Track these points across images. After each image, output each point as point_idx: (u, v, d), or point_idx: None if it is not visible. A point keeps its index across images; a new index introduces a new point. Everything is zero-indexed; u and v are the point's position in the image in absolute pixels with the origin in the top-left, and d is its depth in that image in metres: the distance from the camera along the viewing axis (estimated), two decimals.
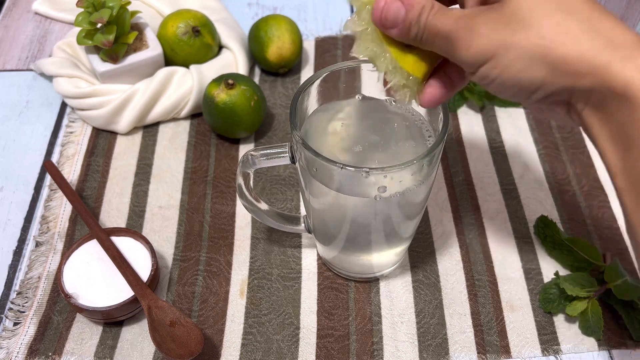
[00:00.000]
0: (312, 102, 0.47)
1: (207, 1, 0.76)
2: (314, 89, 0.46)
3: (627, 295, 0.50)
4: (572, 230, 0.57)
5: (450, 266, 0.55)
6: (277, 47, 0.67)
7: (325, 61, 0.73)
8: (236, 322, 0.52)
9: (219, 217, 0.58)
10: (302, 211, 0.59)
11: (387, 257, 0.52)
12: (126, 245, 0.53)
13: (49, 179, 0.62)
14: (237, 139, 0.65)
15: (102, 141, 0.65)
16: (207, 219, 0.58)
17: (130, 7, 0.64)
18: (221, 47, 0.71)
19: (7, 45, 0.76)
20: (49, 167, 0.59)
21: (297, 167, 0.47)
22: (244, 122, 0.62)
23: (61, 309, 0.52)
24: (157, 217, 0.59)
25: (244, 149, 0.64)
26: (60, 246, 0.57)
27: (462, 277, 0.54)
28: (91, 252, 0.53)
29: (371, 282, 0.54)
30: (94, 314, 0.49)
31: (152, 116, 0.65)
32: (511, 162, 0.63)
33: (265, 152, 0.47)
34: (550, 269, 0.54)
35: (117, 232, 0.54)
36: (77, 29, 0.63)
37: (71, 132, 0.66)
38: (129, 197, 0.60)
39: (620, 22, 0.32)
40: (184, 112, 0.66)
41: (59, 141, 0.66)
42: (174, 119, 0.67)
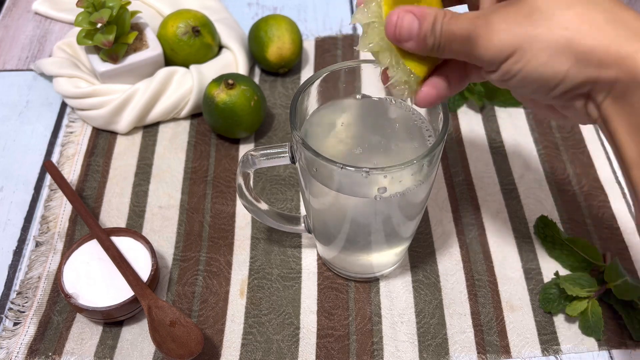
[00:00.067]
0: (312, 102, 0.47)
1: (207, 1, 0.76)
2: (314, 89, 0.46)
3: (627, 295, 0.50)
4: (572, 230, 0.57)
5: (450, 266, 0.55)
6: (277, 47, 0.67)
7: (325, 61, 0.73)
8: (236, 322, 0.52)
9: (219, 217, 0.58)
10: (302, 211, 0.59)
11: (387, 257, 0.52)
12: (126, 245, 0.53)
13: (49, 179, 0.62)
14: (237, 139, 0.65)
15: (102, 141, 0.65)
16: (207, 219, 0.58)
17: (130, 7, 0.64)
18: (221, 47, 0.71)
19: (7, 45, 0.76)
20: (49, 167, 0.59)
21: (297, 167, 0.47)
22: (244, 122, 0.62)
23: (61, 309, 0.52)
24: (157, 217, 0.59)
25: (244, 149, 0.64)
26: (60, 246, 0.57)
27: (462, 277, 0.54)
28: (91, 252, 0.53)
29: (371, 282, 0.54)
30: (94, 314, 0.49)
31: (152, 116, 0.65)
32: (511, 162, 0.63)
33: (265, 152, 0.47)
34: (550, 269, 0.54)
35: (117, 232, 0.54)
36: (77, 29, 0.63)
37: (71, 132, 0.66)
38: (129, 197, 0.60)
39: None
40: (184, 112, 0.66)
41: (59, 141, 0.66)
42: (174, 119, 0.67)
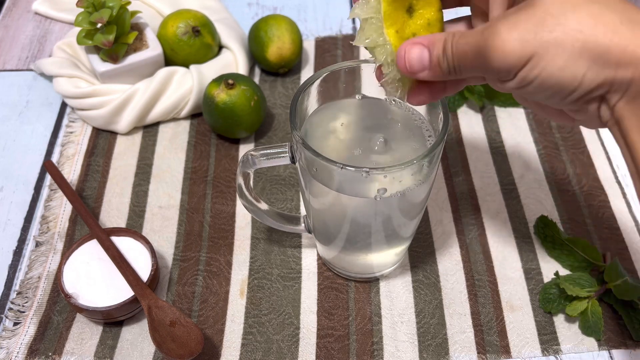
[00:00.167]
0: (312, 102, 0.47)
1: (207, 1, 0.76)
2: (314, 89, 0.46)
3: (627, 295, 0.50)
4: (572, 230, 0.57)
5: (450, 266, 0.55)
6: (277, 47, 0.67)
7: (325, 61, 0.73)
8: (236, 322, 0.52)
9: (219, 217, 0.58)
10: (302, 211, 0.59)
11: (387, 257, 0.52)
12: (126, 245, 0.53)
13: (49, 179, 0.62)
14: (237, 139, 0.65)
15: (102, 141, 0.65)
16: (207, 219, 0.58)
17: (130, 7, 0.64)
18: (221, 47, 0.71)
19: (7, 45, 0.76)
20: (49, 167, 0.59)
21: (297, 167, 0.47)
22: (244, 122, 0.62)
23: (61, 309, 0.52)
24: (157, 217, 0.58)
25: (244, 149, 0.64)
26: (60, 246, 0.57)
27: (462, 277, 0.54)
28: (91, 252, 0.53)
29: (371, 282, 0.54)
30: (94, 314, 0.49)
31: (152, 116, 0.65)
32: (511, 162, 0.63)
33: (265, 152, 0.47)
34: (550, 269, 0.54)
35: (117, 232, 0.54)
36: (77, 29, 0.63)
37: (71, 132, 0.66)
38: (129, 197, 0.60)
39: None
40: (184, 112, 0.66)
41: (59, 141, 0.66)
42: (174, 119, 0.67)
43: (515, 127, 0.66)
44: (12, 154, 0.65)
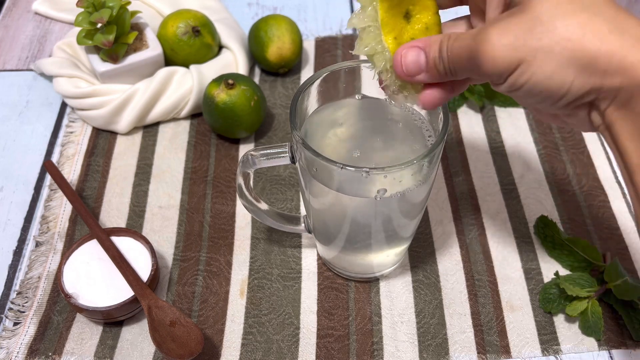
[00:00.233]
0: (312, 102, 0.47)
1: (207, 1, 0.76)
2: (314, 89, 0.46)
3: (627, 295, 0.50)
4: (572, 230, 0.57)
5: (450, 266, 0.55)
6: (277, 47, 0.67)
7: (325, 61, 0.73)
8: (236, 322, 0.52)
9: (219, 217, 0.58)
10: (302, 211, 0.59)
11: (387, 257, 0.52)
12: (126, 245, 0.53)
13: (49, 179, 0.62)
14: (237, 139, 0.65)
15: (102, 141, 0.65)
16: (207, 219, 0.58)
17: (130, 7, 0.64)
18: (221, 47, 0.71)
19: (7, 45, 0.76)
20: (49, 167, 0.59)
21: (297, 167, 0.47)
22: (244, 122, 0.62)
23: (61, 309, 0.52)
24: (157, 217, 0.59)
25: (244, 149, 0.64)
26: (60, 246, 0.57)
27: (462, 277, 0.54)
28: (91, 252, 0.53)
29: (371, 282, 0.54)
30: (94, 314, 0.49)
31: (152, 116, 0.65)
32: (511, 162, 0.63)
33: (265, 152, 0.47)
34: (550, 269, 0.54)
35: (117, 232, 0.54)
36: (77, 29, 0.63)
37: (71, 132, 0.66)
38: (129, 197, 0.60)
39: None
40: (184, 112, 0.66)
41: (59, 141, 0.66)
42: (174, 119, 0.67)
43: (515, 127, 0.66)
44: (12, 154, 0.65)
